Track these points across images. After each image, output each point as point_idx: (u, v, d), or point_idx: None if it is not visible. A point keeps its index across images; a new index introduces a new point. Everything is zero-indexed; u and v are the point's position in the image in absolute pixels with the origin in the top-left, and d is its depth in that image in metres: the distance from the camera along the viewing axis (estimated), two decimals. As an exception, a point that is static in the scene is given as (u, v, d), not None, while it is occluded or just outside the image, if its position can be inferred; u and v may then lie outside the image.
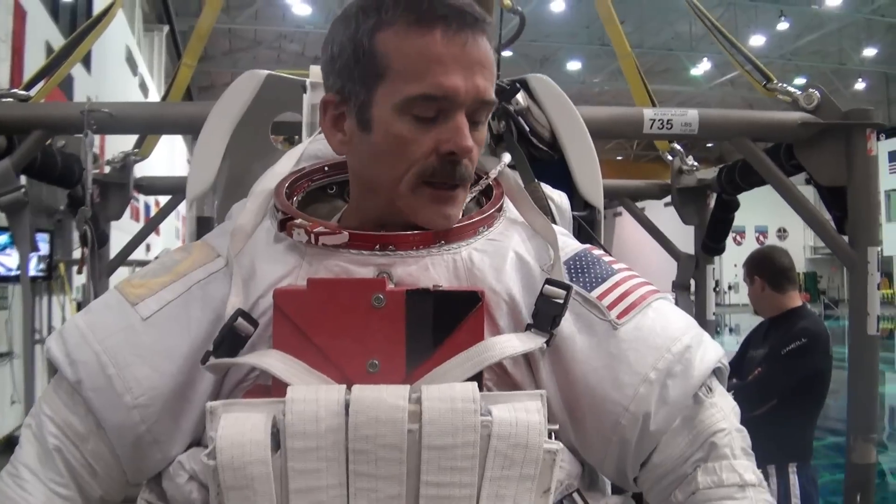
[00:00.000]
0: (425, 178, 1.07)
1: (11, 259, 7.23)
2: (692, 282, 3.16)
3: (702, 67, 19.04)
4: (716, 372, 1.15)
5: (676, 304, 2.91)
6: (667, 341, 1.10)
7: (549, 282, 1.09)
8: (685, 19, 15.71)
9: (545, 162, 1.53)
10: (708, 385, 1.12)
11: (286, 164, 1.34)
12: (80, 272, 1.98)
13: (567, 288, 1.08)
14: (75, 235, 3.18)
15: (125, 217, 3.15)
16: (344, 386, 0.97)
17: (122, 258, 3.30)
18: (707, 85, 19.95)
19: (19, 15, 8.19)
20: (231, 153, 1.64)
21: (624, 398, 1.06)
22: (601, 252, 1.23)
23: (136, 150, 3.11)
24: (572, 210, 1.54)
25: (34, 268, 7.53)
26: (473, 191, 1.25)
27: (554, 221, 1.38)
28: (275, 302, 1.04)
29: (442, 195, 1.09)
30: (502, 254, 1.14)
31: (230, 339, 1.05)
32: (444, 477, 0.95)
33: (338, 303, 1.02)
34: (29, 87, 2.11)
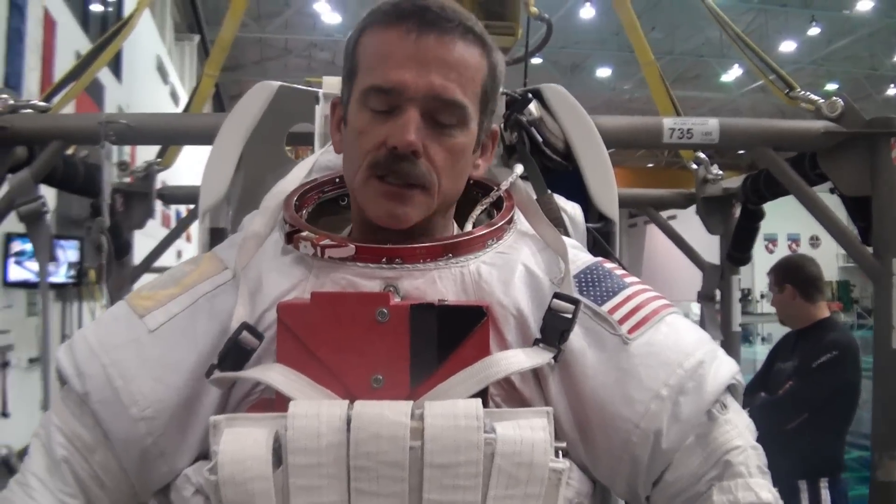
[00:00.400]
0: (375, 172, 1.07)
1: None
2: (717, 292, 3.11)
3: (732, 74, 18.83)
4: (731, 388, 1.12)
5: (701, 314, 2.89)
6: (679, 357, 1.07)
7: (557, 296, 1.07)
8: (715, 25, 15.54)
9: (559, 173, 1.51)
10: (722, 402, 1.09)
11: (297, 175, 1.34)
12: (98, 282, 1.99)
13: (575, 302, 1.06)
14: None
15: (157, 225, 3.18)
16: (346, 401, 0.96)
17: (146, 266, 3.32)
18: (738, 91, 19.73)
19: (49, 25, 8.30)
20: (245, 164, 1.64)
21: (634, 415, 1.04)
22: (613, 265, 1.21)
23: (158, 160, 3.13)
24: (587, 222, 1.52)
25: (64, 274, 7.64)
26: (484, 203, 1.25)
27: (567, 234, 1.36)
28: (278, 316, 1.03)
29: (391, 191, 1.07)
30: (511, 267, 1.12)
31: (235, 353, 1.04)
32: (446, 495, 0.93)
33: (341, 317, 1.01)
34: (49, 97, 2.13)
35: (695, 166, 2.97)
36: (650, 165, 25.20)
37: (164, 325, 1.12)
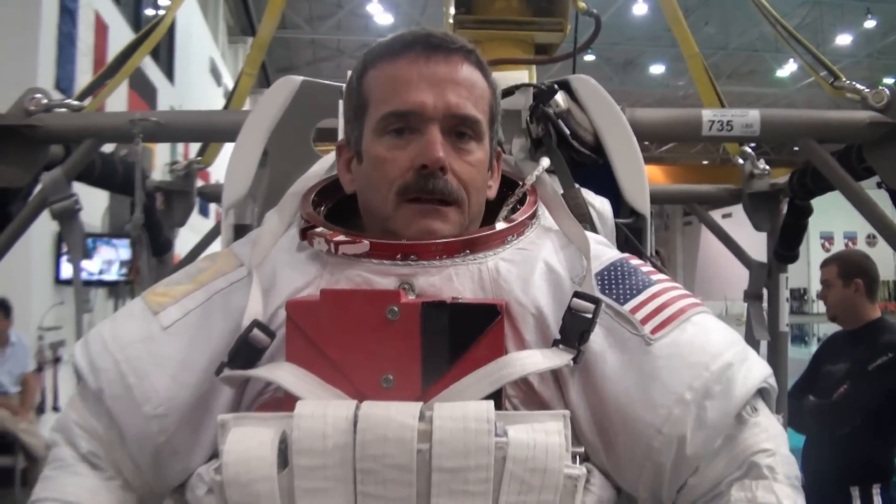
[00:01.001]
0: (406, 196, 1.07)
1: (93, 264, 7.51)
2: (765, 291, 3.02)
3: (788, 69, 18.48)
4: (762, 393, 1.07)
5: (748, 314, 2.81)
6: (705, 358, 1.02)
7: (577, 295, 1.03)
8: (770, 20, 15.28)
9: (588, 167, 1.46)
10: (753, 405, 1.04)
11: (318, 170, 1.33)
12: (132, 279, 2.00)
13: (596, 302, 1.02)
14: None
15: (211, 223, 3.18)
16: (354, 402, 0.94)
17: (188, 263, 3.33)
18: (793, 86, 19.34)
19: (101, 29, 8.48)
20: (272, 161, 1.63)
21: (657, 419, 0.99)
22: (640, 262, 1.16)
23: (199, 158, 3.15)
24: (619, 217, 1.47)
25: (116, 272, 7.81)
26: (510, 201, 1.22)
27: (594, 229, 1.31)
28: (287, 313, 1.01)
29: (426, 209, 1.07)
30: (531, 264, 1.09)
31: (245, 351, 1.03)
32: (455, 501, 0.90)
33: (351, 315, 0.99)
34: (83, 97, 2.15)
35: (741, 161, 2.88)
36: (705, 163, 24.83)
37: (177, 323, 1.11)
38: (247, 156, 1.52)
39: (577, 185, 1.36)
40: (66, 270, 7.52)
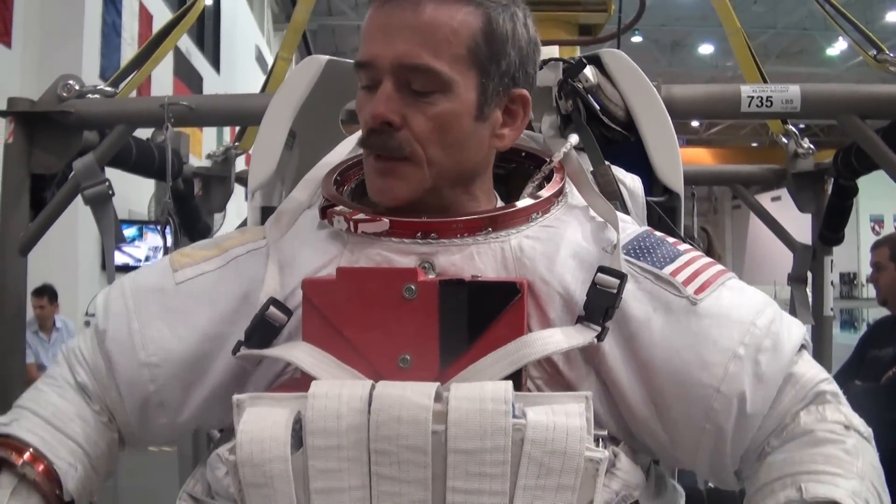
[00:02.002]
0: (367, 152, 1.06)
1: (140, 251, 7.65)
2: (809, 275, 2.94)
3: (837, 47, 18.08)
4: (804, 348, 1.05)
5: (791, 298, 2.73)
6: (751, 314, 1.02)
7: (601, 269, 1.00)
8: (818, -3, 14.94)
9: (620, 144, 1.43)
10: (792, 359, 1.02)
11: (342, 150, 1.31)
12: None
13: (621, 277, 0.99)
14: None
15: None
16: (370, 382, 0.92)
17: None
18: (843, 66, 18.91)
19: (145, 18, 8.61)
20: (300, 143, 1.62)
21: (714, 379, 0.98)
22: (662, 234, 1.14)
23: (236, 144, 3.15)
24: (652, 195, 1.44)
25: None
26: (536, 178, 1.18)
27: (624, 207, 1.28)
28: (303, 292, 1.00)
29: (378, 166, 1.05)
30: (556, 241, 1.06)
31: (262, 329, 1.03)
32: (472, 483, 0.87)
33: (367, 293, 0.97)
34: (116, 83, 2.16)
35: (784, 140, 2.80)
36: (754, 145, 24.40)
37: (189, 280, 1.14)
38: (272, 137, 1.51)
39: (607, 163, 1.32)
40: (115, 257, 7.66)
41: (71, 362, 1.14)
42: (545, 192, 1.12)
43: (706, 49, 18.92)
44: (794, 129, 2.75)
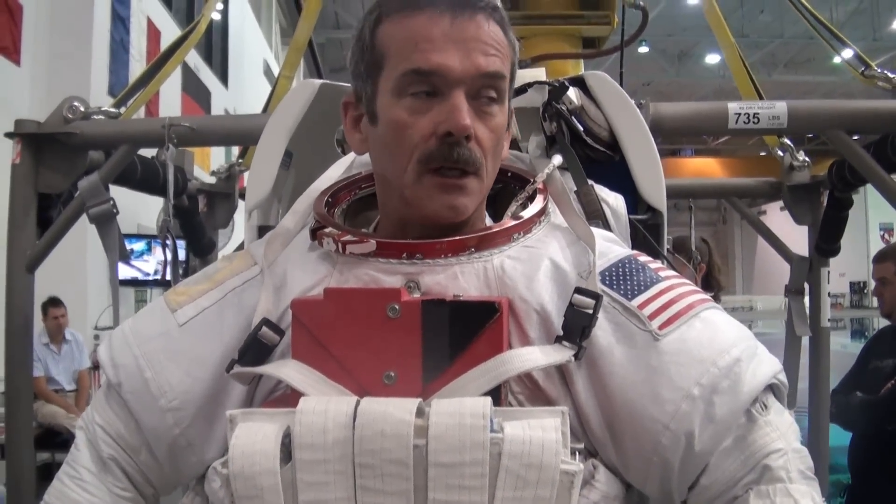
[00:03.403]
0: (428, 165, 1.03)
1: (148, 265, 7.70)
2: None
3: (845, 56, 18.05)
4: (773, 388, 1.06)
5: (789, 309, 2.75)
6: (713, 354, 1.01)
7: (578, 291, 1.03)
8: (825, 5, 14.93)
9: (604, 163, 1.46)
10: (763, 402, 1.03)
11: (334, 172, 1.34)
12: (163, 280, 2.05)
13: (596, 297, 1.02)
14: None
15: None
16: (355, 398, 0.96)
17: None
18: (850, 75, 18.87)
19: (153, 34, 8.69)
20: (296, 163, 1.66)
21: (664, 415, 0.99)
22: (648, 259, 1.16)
23: (240, 161, 3.21)
24: (637, 213, 1.47)
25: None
26: (520, 197, 1.21)
27: (607, 225, 1.31)
28: (293, 312, 1.04)
29: (448, 184, 1.04)
30: (536, 262, 1.09)
31: (255, 348, 1.06)
32: (451, 495, 0.91)
33: (353, 313, 1.01)
34: (120, 104, 2.22)
35: (780, 153, 2.84)
36: (762, 154, 24.31)
37: (193, 319, 1.15)
38: (268, 158, 1.55)
39: (590, 182, 1.36)
40: (123, 271, 7.73)
41: (92, 439, 1.15)
42: (527, 213, 1.15)
43: (713, 59, 18.91)
44: (789, 143, 2.79)
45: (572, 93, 1.43)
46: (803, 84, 18.40)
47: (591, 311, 1.01)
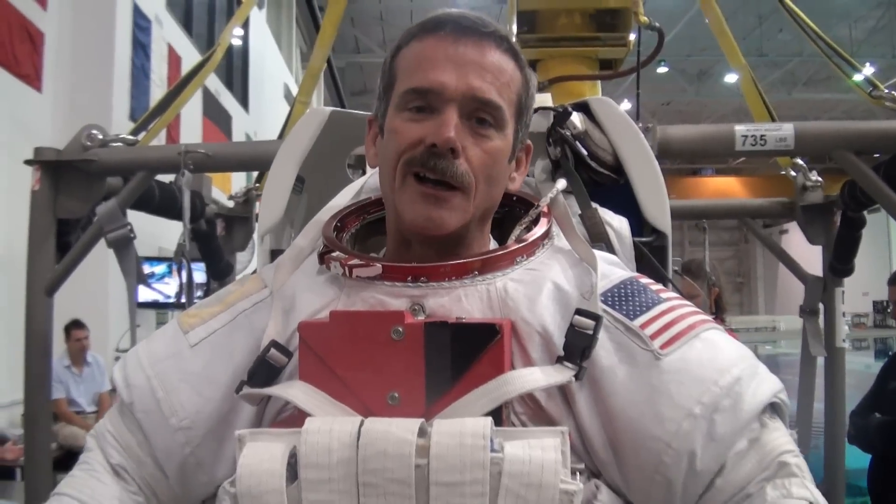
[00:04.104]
0: (411, 168, 1.08)
1: (170, 287, 7.75)
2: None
3: (866, 73, 17.92)
4: (775, 408, 1.07)
5: (804, 330, 2.75)
6: (714, 373, 1.03)
7: (578, 312, 1.05)
8: (844, 23, 14.89)
9: (609, 187, 1.48)
10: (762, 421, 1.04)
11: (345, 197, 1.37)
12: (179, 303, 2.08)
13: (596, 318, 1.03)
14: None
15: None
16: (360, 418, 0.98)
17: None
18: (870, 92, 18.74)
19: (174, 61, 8.81)
20: (309, 188, 1.69)
21: (665, 434, 1.00)
22: (649, 281, 1.18)
23: (256, 185, 3.26)
24: (643, 236, 1.49)
25: (197, 294, 8.07)
26: (524, 221, 1.24)
27: (611, 248, 1.33)
28: (300, 334, 1.06)
29: (428, 193, 1.07)
30: (539, 284, 1.11)
31: (264, 370, 1.08)
32: None
33: (359, 335, 1.03)
34: (138, 130, 2.26)
35: (793, 173, 2.84)
36: (783, 173, 24.16)
37: (203, 341, 1.18)
38: (279, 184, 1.58)
39: (595, 205, 1.38)
40: (145, 294, 7.79)
41: (102, 446, 1.17)
42: (530, 237, 1.17)
43: (732, 78, 18.84)
44: (801, 163, 2.79)
45: (576, 118, 1.46)
46: (823, 102, 18.29)
47: (591, 332, 1.03)
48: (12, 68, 6.34)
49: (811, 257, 2.99)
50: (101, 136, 2.09)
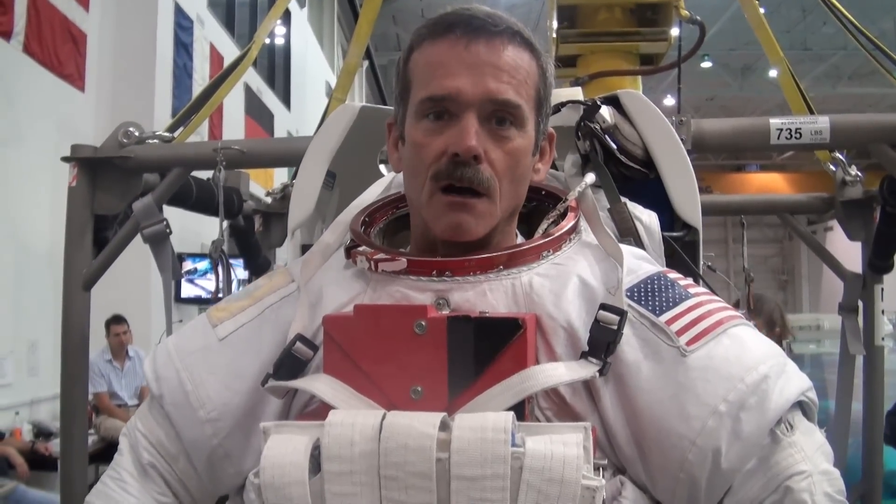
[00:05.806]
0: (438, 183, 1.08)
1: (211, 283, 7.87)
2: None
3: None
4: (802, 406, 1.06)
5: (842, 327, 2.70)
6: (741, 371, 1.02)
7: (603, 307, 1.04)
8: (889, 16, 14.56)
9: (640, 181, 1.47)
10: (788, 421, 1.03)
11: (374, 192, 1.38)
12: (216, 301, 2.11)
13: (621, 314, 1.03)
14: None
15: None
16: (382, 411, 0.98)
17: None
18: (920, 86, 18.34)
19: (216, 60, 8.91)
20: (340, 183, 1.70)
21: (691, 431, 1.00)
22: (678, 276, 1.17)
23: (293, 181, 3.27)
24: (674, 230, 1.47)
25: (236, 290, 8.15)
26: (551, 215, 1.24)
27: (640, 242, 1.32)
28: (324, 328, 1.07)
29: (455, 202, 1.08)
30: (564, 279, 1.11)
31: (289, 363, 1.10)
32: None
33: (382, 329, 1.03)
34: (174, 128, 2.30)
35: (832, 168, 2.79)
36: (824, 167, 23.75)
37: (232, 334, 1.20)
38: (310, 179, 1.60)
39: (624, 200, 1.37)
40: (188, 290, 7.94)
41: (134, 446, 1.20)
42: (556, 231, 1.17)
43: (776, 73, 18.58)
44: (841, 157, 2.74)
45: (605, 111, 1.45)
46: (869, 96, 17.93)
47: (615, 327, 1.02)
48: (55, 69, 6.47)
49: (856, 254, 2.93)
50: (137, 134, 2.12)
